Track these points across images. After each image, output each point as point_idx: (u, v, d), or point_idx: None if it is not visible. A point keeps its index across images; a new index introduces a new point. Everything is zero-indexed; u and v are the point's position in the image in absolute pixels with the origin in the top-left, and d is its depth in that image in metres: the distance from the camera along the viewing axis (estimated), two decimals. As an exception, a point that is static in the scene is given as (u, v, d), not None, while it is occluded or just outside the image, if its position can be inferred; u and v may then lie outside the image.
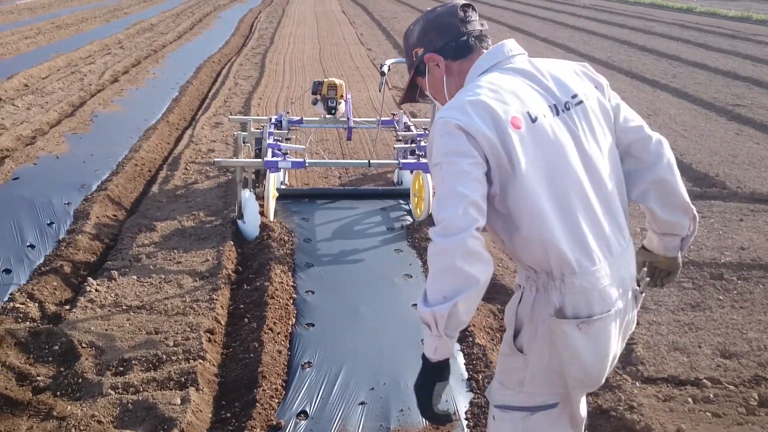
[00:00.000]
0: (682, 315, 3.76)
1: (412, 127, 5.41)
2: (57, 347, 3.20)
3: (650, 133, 1.87)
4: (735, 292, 4.06)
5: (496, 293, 3.96)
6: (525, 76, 1.76)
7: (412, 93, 2.09)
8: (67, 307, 3.66)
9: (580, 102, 1.76)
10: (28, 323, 3.41)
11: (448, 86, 1.88)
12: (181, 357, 3.12)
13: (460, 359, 3.25)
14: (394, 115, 5.74)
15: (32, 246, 4.40)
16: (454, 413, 2.10)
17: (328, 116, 5.50)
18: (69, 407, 2.77)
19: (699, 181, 6.22)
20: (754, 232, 5.01)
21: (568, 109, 1.74)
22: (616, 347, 1.79)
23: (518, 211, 1.68)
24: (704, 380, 3.15)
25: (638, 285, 1.87)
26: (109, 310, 3.57)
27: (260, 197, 4.94)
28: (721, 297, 3.99)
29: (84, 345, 3.20)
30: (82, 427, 2.64)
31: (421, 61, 1.89)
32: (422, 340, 1.69)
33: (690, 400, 3.01)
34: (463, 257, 1.58)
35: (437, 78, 1.89)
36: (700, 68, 13.04)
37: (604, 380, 1.84)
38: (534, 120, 1.68)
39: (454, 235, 1.58)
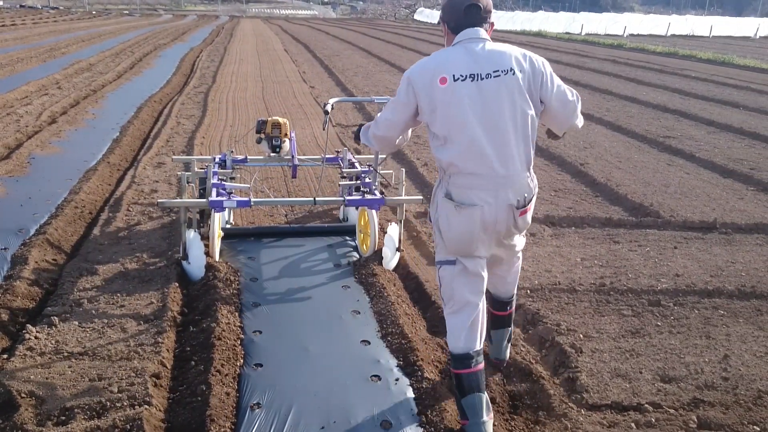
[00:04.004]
0: (623, 342, 3.88)
1: (357, 164, 5.47)
2: (-5, 398, 3.09)
3: (571, 98, 2.98)
4: (672, 317, 4.21)
5: (444, 327, 4.01)
6: (467, 53, 2.82)
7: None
8: (5, 356, 3.53)
9: (499, 75, 2.77)
10: (-37, 375, 3.29)
11: (446, 42, 3.02)
12: (126, 403, 3.05)
13: (410, 394, 3.27)
14: (338, 152, 5.80)
15: (-33, 294, 4.25)
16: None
17: (272, 154, 5.51)
18: (8, 461, 2.67)
19: (634, 210, 6.45)
20: (687, 259, 5.22)
21: (486, 78, 2.77)
22: (478, 231, 2.83)
23: (437, 133, 2.86)
24: (646, 405, 3.24)
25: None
26: (49, 358, 3.46)
27: (205, 237, 4.90)
28: (659, 323, 4.13)
29: (23, 395, 3.10)
30: (22, 481, 2.55)
31: (439, 21, 3.03)
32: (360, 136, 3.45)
33: (633, 425, 3.09)
34: (376, 134, 3.22)
35: (444, 34, 3.01)
36: (631, 102, 13.60)
37: (478, 251, 2.90)
38: (456, 80, 2.77)
39: (378, 124, 3.16)
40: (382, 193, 4.94)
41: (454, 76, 2.75)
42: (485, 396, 2.94)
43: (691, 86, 16.33)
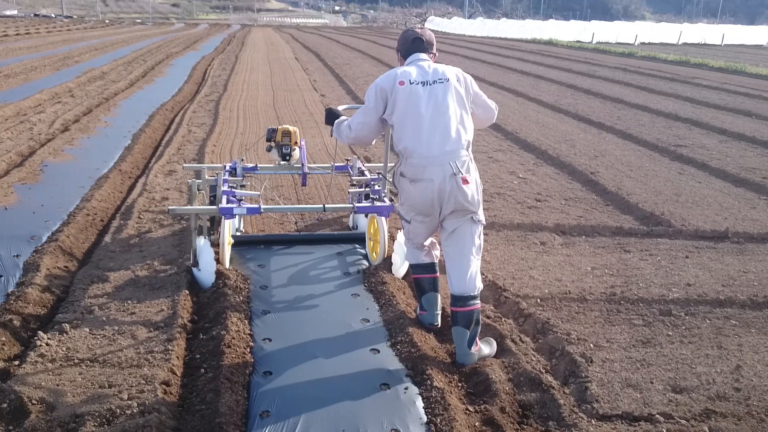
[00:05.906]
0: (634, 351, 3.85)
1: (366, 172, 5.48)
2: (5, 405, 3.09)
3: (492, 106, 3.99)
4: (683, 327, 4.18)
5: (450, 334, 3.99)
6: (418, 68, 3.76)
7: None
8: (17, 362, 3.55)
9: (442, 82, 3.69)
10: (-26, 381, 3.30)
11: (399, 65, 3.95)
12: (135, 410, 3.06)
13: (419, 403, 3.26)
14: (347, 160, 5.81)
15: (-21, 300, 4.27)
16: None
17: (282, 162, 5.53)
18: (18, 467, 2.68)
19: (645, 219, 6.42)
20: (699, 268, 5.18)
21: (432, 83, 3.68)
22: (436, 200, 3.62)
23: (396, 125, 3.71)
24: (657, 416, 3.22)
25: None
26: (60, 365, 3.48)
27: (215, 245, 4.91)
28: (670, 333, 4.10)
29: (34, 401, 3.11)
30: (32, 488, 2.55)
31: (398, 55, 4.00)
32: (337, 126, 4.18)
33: (644, 435, 3.07)
34: (349, 135, 4.01)
35: (399, 62, 3.99)
36: (642, 110, 13.55)
37: (433, 212, 3.69)
38: (411, 83, 3.66)
39: (352, 128, 3.95)
40: (391, 200, 4.94)
41: (410, 80, 3.67)
42: (438, 295, 4.04)
43: (703, 95, 16.26)
